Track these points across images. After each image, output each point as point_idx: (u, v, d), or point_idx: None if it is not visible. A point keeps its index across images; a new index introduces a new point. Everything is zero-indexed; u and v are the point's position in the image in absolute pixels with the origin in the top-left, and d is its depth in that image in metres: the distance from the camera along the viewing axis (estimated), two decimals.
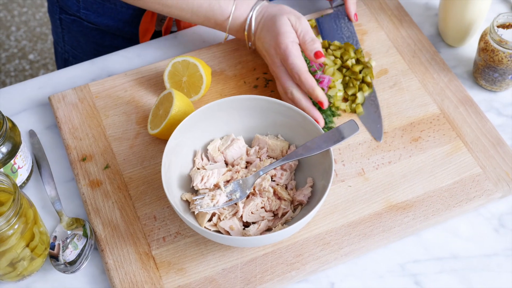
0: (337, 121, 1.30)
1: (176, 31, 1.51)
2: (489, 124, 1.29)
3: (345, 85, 1.33)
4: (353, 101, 1.32)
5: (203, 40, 1.45)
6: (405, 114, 1.31)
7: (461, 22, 1.38)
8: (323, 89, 1.29)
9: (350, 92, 1.32)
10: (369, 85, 1.33)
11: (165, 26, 1.48)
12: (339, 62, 1.35)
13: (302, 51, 1.29)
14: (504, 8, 1.49)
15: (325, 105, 1.24)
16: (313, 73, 1.30)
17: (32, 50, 2.99)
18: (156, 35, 1.53)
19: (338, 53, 1.36)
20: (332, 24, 1.44)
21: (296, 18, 1.28)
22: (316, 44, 1.26)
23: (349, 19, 1.43)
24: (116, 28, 1.53)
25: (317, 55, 1.26)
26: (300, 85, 1.25)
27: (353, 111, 1.31)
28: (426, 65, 1.38)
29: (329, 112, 1.28)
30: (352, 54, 1.36)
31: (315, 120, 1.23)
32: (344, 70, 1.35)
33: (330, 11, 1.45)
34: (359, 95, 1.31)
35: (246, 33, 1.32)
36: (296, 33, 1.28)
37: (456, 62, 1.41)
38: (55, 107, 1.33)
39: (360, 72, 1.35)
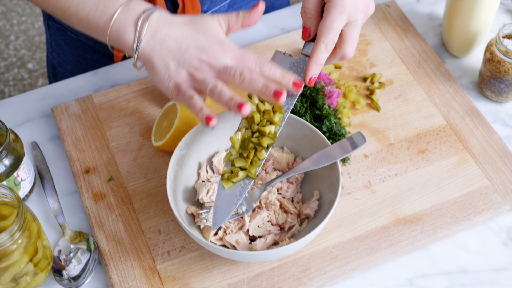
0: None
1: None
2: (496, 135, 1.28)
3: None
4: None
5: None
6: (411, 125, 1.30)
7: (466, 33, 1.37)
8: (330, 106, 1.28)
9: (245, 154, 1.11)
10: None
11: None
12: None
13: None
14: (509, 18, 1.48)
15: (302, 86, 1.04)
16: (322, 88, 1.29)
17: (31, 59, 2.98)
18: None
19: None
20: (284, 67, 1.12)
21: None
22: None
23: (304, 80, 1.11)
24: (95, 42, 1.50)
25: (276, 95, 1.01)
26: (269, 73, 1.03)
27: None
28: (431, 76, 1.37)
29: (335, 120, 1.27)
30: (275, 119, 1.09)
31: (277, 92, 1.01)
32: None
33: (292, 56, 1.14)
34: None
35: (140, 25, 1.05)
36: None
37: (461, 72, 1.40)
38: (58, 118, 1.31)
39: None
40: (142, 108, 1.32)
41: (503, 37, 1.30)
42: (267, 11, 1.56)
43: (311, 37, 1.12)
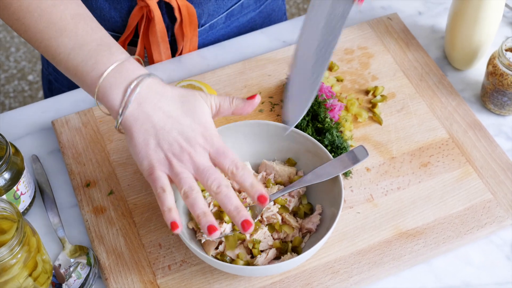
0: None
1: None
2: (499, 149, 1.28)
3: None
4: None
5: (208, 63, 1.43)
6: (413, 138, 1.29)
7: (468, 46, 1.36)
8: (332, 119, 1.27)
9: None
10: None
11: None
12: None
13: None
14: None
15: (267, 201, 1.01)
16: (324, 101, 1.28)
17: (32, 71, 2.98)
18: None
19: None
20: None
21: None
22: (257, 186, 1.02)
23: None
24: None
25: (260, 199, 1.01)
26: (240, 180, 1.01)
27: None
28: (433, 89, 1.36)
29: (337, 133, 1.26)
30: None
31: (246, 222, 0.99)
32: None
33: None
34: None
35: (129, 91, 1.01)
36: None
37: (464, 85, 1.39)
38: (59, 131, 1.31)
39: None
40: None
41: (506, 50, 1.30)
42: (264, 23, 1.56)
43: None
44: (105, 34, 1.06)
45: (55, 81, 1.61)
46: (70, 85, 1.54)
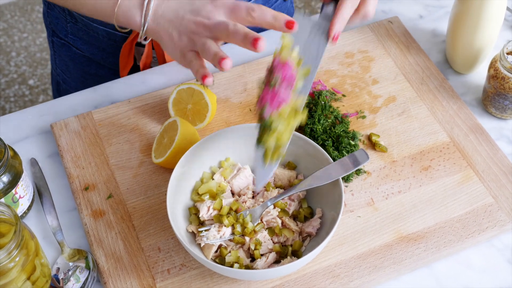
0: None
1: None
2: (500, 152, 1.27)
3: None
4: None
5: (208, 66, 1.42)
6: (414, 142, 1.29)
7: (469, 49, 1.36)
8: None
9: None
10: None
11: (142, 62, 1.44)
12: None
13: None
14: None
15: (294, 25, 1.04)
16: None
17: (32, 75, 2.97)
18: (136, 69, 1.50)
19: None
20: (305, 29, 1.16)
21: None
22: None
23: (328, 37, 1.15)
24: (100, 58, 1.50)
25: (288, 25, 1.05)
26: (261, 17, 1.06)
27: None
28: (434, 93, 1.36)
29: (347, 140, 1.25)
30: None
31: (289, 23, 1.04)
32: None
33: (312, 18, 1.19)
34: None
35: (145, 9, 1.12)
36: None
37: (465, 89, 1.39)
38: (57, 135, 1.30)
39: None
40: (142, 124, 1.31)
41: (507, 54, 1.29)
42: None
43: None
44: None
45: (63, 83, 1.61)
46: (77, 87, 1.54)
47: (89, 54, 1.51)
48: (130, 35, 1.42)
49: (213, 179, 1.19)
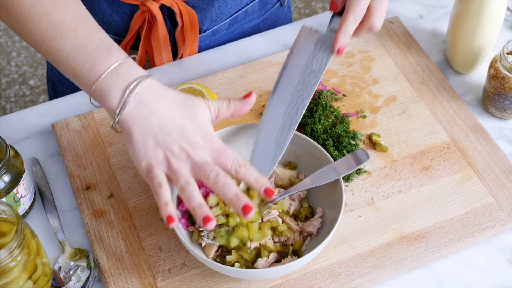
0: None
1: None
2: (500, 152, 1.27)
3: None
4: None
5: (208, 67, 1.43)
6: (414, 142, 1.29)
7: (469, 49, 1.36)
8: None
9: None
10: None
11: None
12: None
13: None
14: None
15: (273, 194, 1.00)
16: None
17: (33, 75, 2.98)
18: None
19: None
20: (312, 42, 1.18)
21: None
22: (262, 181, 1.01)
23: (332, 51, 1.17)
24: None
25: (267, 192, 1.00)
26: (243, 177, 1.01)
27: None
28: (435, 92, 1.36)
29: (347, 140, 1.26)
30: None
31: (247, 207, 0.97)
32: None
33: (319, 31, 1.19)
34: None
35: (128, 91, 1.00)
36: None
37: (465, 89, 1.39)
38: (59, 134, 1.30)
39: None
40: None
41: (507, 54, 1.30)
42: (269, 29, 1.56)
43: (338, 9, 1.18)
44: (104, 35, 1.06)
45: (59, 83, 1.61)
46: (73, 87, 1.54)
47: None
48: (124, 39, 1.42)
49: None
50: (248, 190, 1.10)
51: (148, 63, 1.48)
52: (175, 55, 1.48)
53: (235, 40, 1.52)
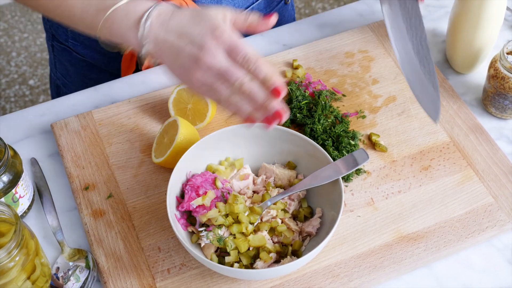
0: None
1: None
2: (500, 152, 1.27)
3: None
4: None
5: None
6: (414, 142, 1.29)
7: (469, 49, 1.36)
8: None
9: None
10: None
11: (145, 67, 1.44)
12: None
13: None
14: None
15: (281, 94, 1.01)
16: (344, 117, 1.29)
17: (33, 75, 2.98)
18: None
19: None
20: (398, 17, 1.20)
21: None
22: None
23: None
24: (101, 62, 1.50)
25: (275, 92, 1.01)
26: (254, 72, 1.01)
27: None
28: None
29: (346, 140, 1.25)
30: None
31: (278, 113, 1.03)
32: None
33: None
34: None
35: (141, 28, 1.04)
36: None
37: (465, 89, 1.39)
38: (58, 134, 1.30)
39: None
40: (142, 124, 1.31)
41: (507, 53, 1.29)
42: (274, 27, 1.55)
43: None
44: None
45: (64, 87, 1.60)
46: (77, 91, 1.53)
47: (90, 59, 1.50)
48: None
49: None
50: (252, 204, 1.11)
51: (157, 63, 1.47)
52: None
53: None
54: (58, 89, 1.64)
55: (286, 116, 1.02)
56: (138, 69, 1.48)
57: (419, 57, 1.16)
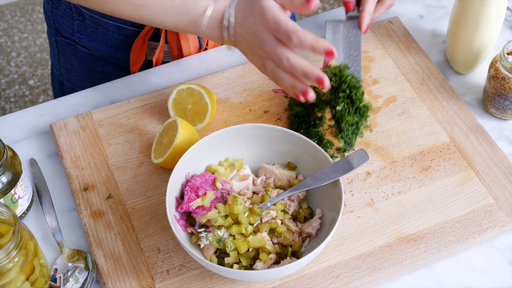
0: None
1: (169, 61, 1.47)
2: (501, 153, 1.27)
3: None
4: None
5: (207, 67, 1.42)
6: (414, 142, 1.28)
7: (470, 49, 1.36)
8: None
9: None
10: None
11: (156, 57, 1.44)
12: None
13: None
14: None
15: (333, 55, 1.10)
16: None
17: (32, 75, 2.97)
18: (147, 64, 1.50)
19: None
20: (339, 30, 1.31)
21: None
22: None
23: (360, 29, 1.29)
24: (108, 54, 1.50)
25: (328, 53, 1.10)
26: (300, 46, 1.10)
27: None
28: (435, 93, 1.35)
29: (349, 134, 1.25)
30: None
31: (320, 79, 1.10)
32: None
33: (341, 20, 1.33)
34: None
35: (227, 25, 1.17)
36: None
37: (465, 89, 1.39)
38: (57, 135, 1.30)
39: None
40: (142, 125, 1.31)
41: (508, 54, 1.29)
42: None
43: (353, 8, 1.30)
44: None
45: (68, 82, 1.60)
46: (83, 85, 1.53)
47: (96, 51, 1.50)
48: (143, 29, 1.41)
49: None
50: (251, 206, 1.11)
51: (166, 53, 1.47)
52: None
53: None
54: (62, 86, 1.64)
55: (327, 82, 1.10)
56: (147, 59, 1.48)
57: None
